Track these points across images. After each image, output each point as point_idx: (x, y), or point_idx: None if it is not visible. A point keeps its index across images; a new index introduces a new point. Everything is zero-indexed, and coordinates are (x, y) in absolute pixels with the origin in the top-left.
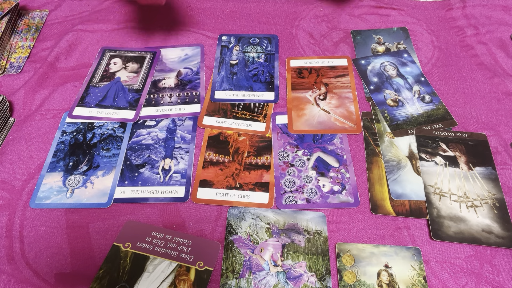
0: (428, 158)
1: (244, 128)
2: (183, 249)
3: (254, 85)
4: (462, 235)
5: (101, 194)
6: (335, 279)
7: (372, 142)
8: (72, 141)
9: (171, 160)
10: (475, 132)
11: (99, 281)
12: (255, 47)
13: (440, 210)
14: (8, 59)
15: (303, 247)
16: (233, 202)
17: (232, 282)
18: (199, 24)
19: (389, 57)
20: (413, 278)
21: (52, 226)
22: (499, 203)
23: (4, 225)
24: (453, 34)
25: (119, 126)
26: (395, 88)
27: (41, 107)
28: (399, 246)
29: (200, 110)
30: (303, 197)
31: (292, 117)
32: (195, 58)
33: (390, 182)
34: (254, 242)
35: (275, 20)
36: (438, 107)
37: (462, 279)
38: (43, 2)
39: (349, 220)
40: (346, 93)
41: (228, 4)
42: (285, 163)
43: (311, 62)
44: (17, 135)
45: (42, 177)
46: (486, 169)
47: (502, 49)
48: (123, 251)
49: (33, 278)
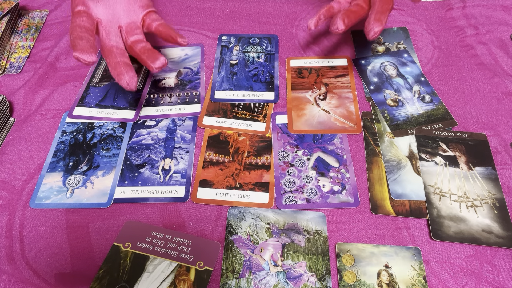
0: (428, 158)
1: (244, 128)
2: (183, 249)
3: (254, 85)
4: (462, 235)
5: (101, 194)
6: (335, 279)
7: (372, 142)
8: (72, 141)
9: (171, 160)
10: (475, 132)
11: (99, 281)
12: (255, 47)
13: (440, 210)
14: (8, 59)
15: (303, 247)
16: (233, 202)
17: (232, 282)
18: (199, 24)
19: (389, 57)
20: (413, 278)
21: (52, 226)
22: (499, 203)
23: (4, 225)
24: (453, 34)
25: (119, 126)
26: (395, 88)
27: (41, 107)
28: (399, 246)
29: (200, 110)
30: (303, 197)
31: (292, 117)
32: (195, 58)
33: (390, 182)
34: (254, 242)
35: (275, 20)
36: (438, 107)
37: (462, 279)
38: (43, 2)
39: (349, 220)
40: (346, 93)
41: (228, 4)
42: (285, 163)
43: (311, 62)
44: (17, 135)
45: (42, 177)
46: (486, 169)
47: (502, 49)
48: (123, 251)
49: (33, 278)
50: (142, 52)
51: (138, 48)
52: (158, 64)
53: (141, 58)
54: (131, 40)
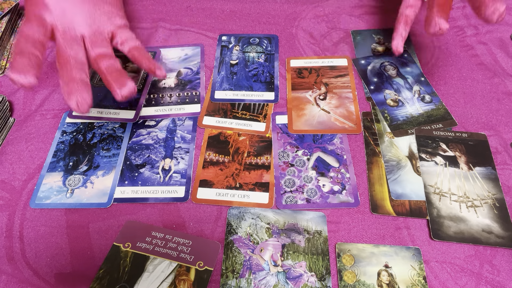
0: (428, 158)
1: (244, 128)
2: (183, 249)
3: (254, 85)
4: (462, 235)
5: (101, 194)
6: (335, 279)
7: (372, 142)
8: (72, 141)
9: (171, 160)
10: (475, 132)
11: (99, 281)
12: (255, 47)
13: (440, 210)
14: (8, 59)
15: (303, 247)
16: (233, 202)
17: (232, 282)
18: (199, 24)
19: (389, 57)
20: (413, 278)
21: (52, 226)
22: (499, 203)
23: (4, 225)
24: (453, 34)
25: (119, 126)
26: (395, 88)
27: (41, 107)
28: (399, 246)
29: (200, 110)
30: (303, 197)
31: (292, 117)
32: (195, 58)
33: (390, 182)
34: (254, 242)
35: (275, 20)
36: (438, 107)
37: (462, 279)
38: None
39: (349, 220)
40: (346, 93)
41: (228, 4)
42: (285, 163)
43: (311, 62)
44: (17, 135)
45: (42, 177)
46: (486, 169)
47: (502, 49)
48: (123, 251)
49: (33, 278)
50: (109, 71)
51: (104, 66)
52: (125, 91)
53: (106, 78)
54: (96, 52)
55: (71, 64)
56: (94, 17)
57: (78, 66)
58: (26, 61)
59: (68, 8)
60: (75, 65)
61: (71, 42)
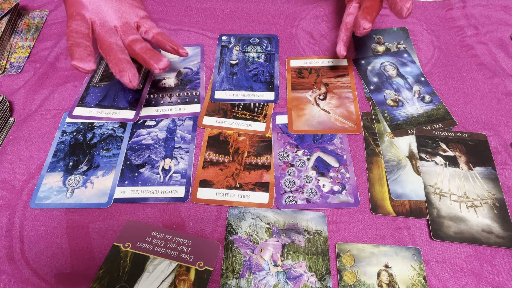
0: (428, 158)
1: (244, 128)
2: (183, 249)
3: (254, 85)
4: (462, 235)
5: (101, 194)
6: (335, 279)
7: (372, 142)
8: (72, 141)
9: (171, 160)
10: (475, 132)
11: (99, 281)
12: (255, 47)
13: (440, 210)
14: (8, 59)
15: (303, 247)
16: (233, 202)
17: (232, 282)
18: (199, 24)
19: (389, 57)
20: (413, 278)
21: (52, 226)
22: (499, 203)
23: (4, 225)
24: (453, 34)
25: (119, 126)
26: (395, 88)
27: (41, 107)
28: (399, 246)
29: (200, 110)
30: (303, 197)
31: (292, 117)
32: (195, 58)
33: (390, 182)
34: (254, 242)
35: (275, 20)
36: (438, 107)
37: (462, 279)
38: (43, 2)
39: (349, 220)
40: (346, 93)
41: (228, 4)
42: (285, 163)
43: (311, 62)
44: (17, 135)
45: (42, 177)
46: (486, 169)
47: (502, 49)
48: (123, 251)
49: (33, 278)
50: (144, 51)
51: (138, 48)
52: (162, 65)
53: (143, 57)
54: (129, 39)
55: (114, 49)
56: (122, 11)
57: (121, 49)
58: (84, 51)
59: (101, 5)
60: (118, 49)
61: (110, 32)
